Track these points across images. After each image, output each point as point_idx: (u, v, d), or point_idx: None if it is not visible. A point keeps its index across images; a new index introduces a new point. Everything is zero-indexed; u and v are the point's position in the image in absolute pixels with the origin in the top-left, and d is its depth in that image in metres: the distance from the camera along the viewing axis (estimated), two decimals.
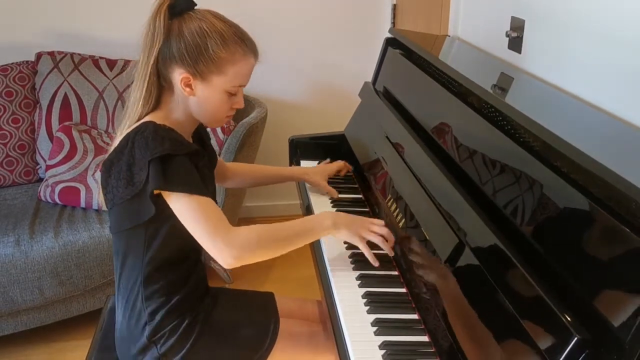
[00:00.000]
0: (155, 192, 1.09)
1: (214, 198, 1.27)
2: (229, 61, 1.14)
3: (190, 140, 1.24)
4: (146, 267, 1.16)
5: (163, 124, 1.13)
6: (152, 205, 1.09)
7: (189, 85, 1.15)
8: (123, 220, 1.15)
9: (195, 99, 1.17)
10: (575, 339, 0.71)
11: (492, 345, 0.86)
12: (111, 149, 1.16)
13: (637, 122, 1.12)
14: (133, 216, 1.13)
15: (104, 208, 1.17)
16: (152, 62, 1.13)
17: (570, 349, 0.72)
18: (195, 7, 1.17)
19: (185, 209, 1.10)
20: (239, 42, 1.15)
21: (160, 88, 1.18)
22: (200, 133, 1.33)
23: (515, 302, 0.85)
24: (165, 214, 1.11)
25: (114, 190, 1.12)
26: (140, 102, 1.16)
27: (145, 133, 1.09)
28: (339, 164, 1.68)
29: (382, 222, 1.27)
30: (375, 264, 1.22)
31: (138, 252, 1.16)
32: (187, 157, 1.11)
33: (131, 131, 1.12)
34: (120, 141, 1.13)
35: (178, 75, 1.14)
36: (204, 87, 1.16)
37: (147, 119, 1.15)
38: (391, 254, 1.24)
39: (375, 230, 1.24)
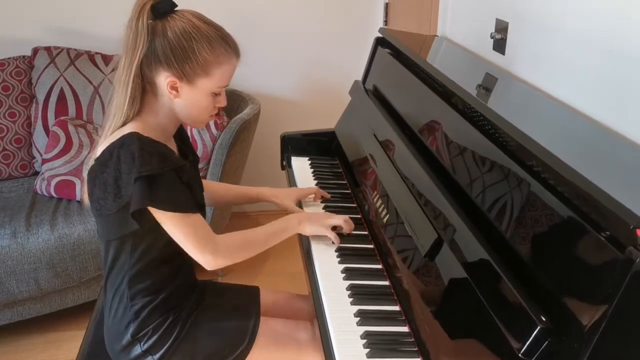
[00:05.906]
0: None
1: (201, 196, 1.29)
2: (214, 63, 1.15)
3: (173, 142, 1.26)
4: (132, 269, 1.18)
5: (148, 136, 1.12)
6: (135, 220, 1.11)
7: (175, 88, 1.15)
8: (111, 230, 1.16)
9: (181, 101, 1.17)
10: (538, 327, 0.76)
11: (464, 333, 0.92)
12: (95, 154, 1.16)
13: (612, 125, 1.16)
14: (121, 227, 1.14)
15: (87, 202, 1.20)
16: (135, 65, 1.12)
17: (534, 337, 0.77)
18: (176, 8, 1.16)
19: (173, 226, 1.13)
20: (223, 43, 1.16)
21: (143, 91, 1.17)
22: (181, 132, 1.33)
23: (486, 294, 0.89)
24: (152, 223, 1.13)
25: (100, 202, 1.13)
26: (125, 107, 1.14)
27: (131, 147, 1.08)
28: (313, 189, 1.61)
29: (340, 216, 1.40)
30: (337, 241, 1.35)
31: (125, 256, 1.18)
32: (173, 172, 1.12)
33: (115, 142, 1.11)
34: (103, 152, 1.13)
35: (164, 78, 1.14)
36: (190, 90, 1.16)
37: (129, 129, 1.13)
38: (349, 230, 1.39)
39: (336, 217, 1.37)
